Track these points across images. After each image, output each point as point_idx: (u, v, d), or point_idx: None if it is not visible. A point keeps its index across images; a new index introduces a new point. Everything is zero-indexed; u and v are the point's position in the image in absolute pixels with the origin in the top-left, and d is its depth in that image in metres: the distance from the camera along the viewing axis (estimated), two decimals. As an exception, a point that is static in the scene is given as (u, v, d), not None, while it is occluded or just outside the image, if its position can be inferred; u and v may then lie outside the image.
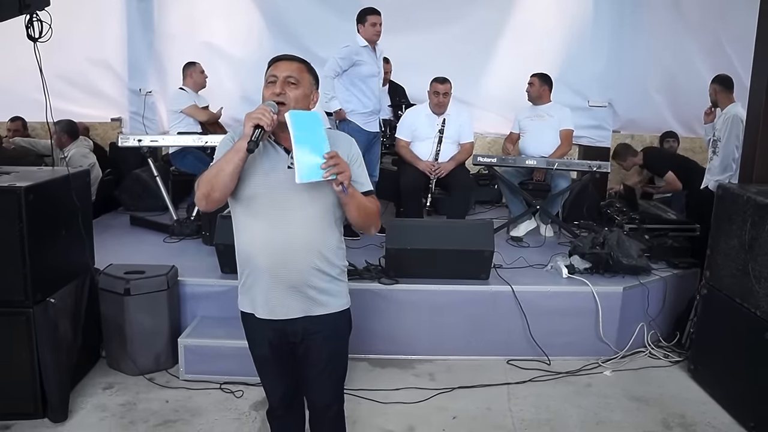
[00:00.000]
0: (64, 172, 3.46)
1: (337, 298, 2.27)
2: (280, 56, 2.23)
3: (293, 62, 2.20)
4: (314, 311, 2.23)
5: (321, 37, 6.56)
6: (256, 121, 2.02)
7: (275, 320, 2.23)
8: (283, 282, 2.17)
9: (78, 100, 6.62)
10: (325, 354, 2.30)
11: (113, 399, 3.48)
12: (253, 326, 2.30)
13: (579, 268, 4.28)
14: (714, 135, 4.89)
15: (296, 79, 2.15)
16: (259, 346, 2.33)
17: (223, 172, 2.07)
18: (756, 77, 3.95)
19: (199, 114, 5.87)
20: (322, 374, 2.33)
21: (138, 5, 6.59)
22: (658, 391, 3.74)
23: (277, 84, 2.14)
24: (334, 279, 2.26)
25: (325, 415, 2.41)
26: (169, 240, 5.03)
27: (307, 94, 2.19)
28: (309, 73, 2.22)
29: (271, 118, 2.05)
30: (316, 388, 2.37)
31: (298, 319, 2.23)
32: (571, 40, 6.59)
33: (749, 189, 3.56)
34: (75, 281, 3.56)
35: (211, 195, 2.11)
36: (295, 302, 2.21)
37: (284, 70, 2.16)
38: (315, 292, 2.22)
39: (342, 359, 2.40)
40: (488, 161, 5.28)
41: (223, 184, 2.08)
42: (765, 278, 3.29)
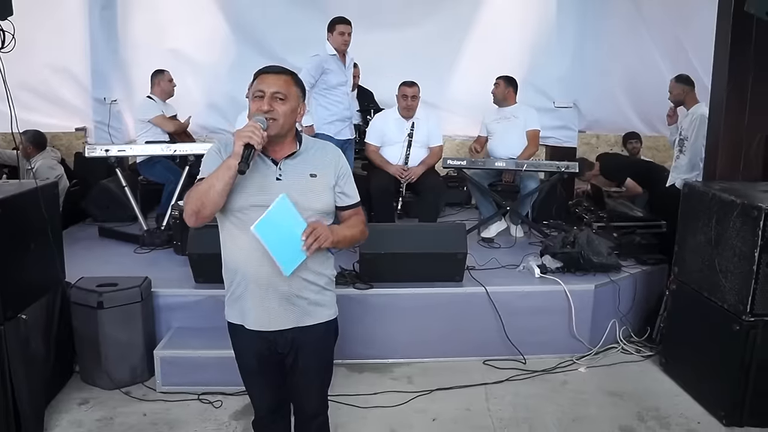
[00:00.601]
0: (33, 184, 3.40)
1: (325, 308, 2.30)
2: (266, 69, 2.22)
3: (280, 75, 2.19)
4: (305, 321, 2.25)
5: (287, 41, 6.53)
6: (246, 140, 2.03)
7: (265, 331, 2.23)
8: (275, 293, 2.19)
9: (40, 109, 6.47)
10: (314, 363, 2.32)
11: (89, 414, 3.43)
12: (241, 337, 2.30)
13: (551, 267, 4.35)
14: (680, 134, 4.97)
15: (284, 94, 2.15)
16: (247, 357, 2.33)
17: (213, 189, 2.06)
18: (717, 77, 4.05)
19: (167, 124, 5.83)
20: (311, 383, 2.35)
21: (101, 12, 6.47)
22: (632, 386, 3.82)
23: (264, 101, 2.14)
24: (323, 289, 2.28)
25: (311, 423, 2.43)
26: (140, 251, 4.97)
27: (294, 108, 2.18)
28: (296, 85, 2.21)
29: (261, 136, 2.05)
30: (304, 396, 2.39)
31: (288, 330, 2.24)
32: (536, 43, 6.67)
33: (713, 186, 3.67)
34: (46, 296, 3.50)
35: (201, 212, 2.10)
36: (287, 313, 2.22)
37: (271, 86, 2.15)
38: (305, 302, 2.24)
39: (329, 368, 2.43)
40: (458, 164, 5.33)
41: (213, 200, 2.08)
42: (731, 272, 3.39)
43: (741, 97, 3.91)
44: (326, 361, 2.39)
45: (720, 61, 4.01)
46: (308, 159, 2.23)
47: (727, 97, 3.94)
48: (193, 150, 5.29)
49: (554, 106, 6.62)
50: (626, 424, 3.41)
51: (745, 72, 3.87)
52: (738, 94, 3.91)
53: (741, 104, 3.92)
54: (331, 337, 2.37)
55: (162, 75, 5.92)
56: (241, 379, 3.39)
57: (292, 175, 2.17)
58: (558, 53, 6.58)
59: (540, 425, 3.40)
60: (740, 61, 3.86)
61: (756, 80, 3.87)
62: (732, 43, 3.86)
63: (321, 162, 2.23)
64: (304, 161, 2.22)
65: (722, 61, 3.97)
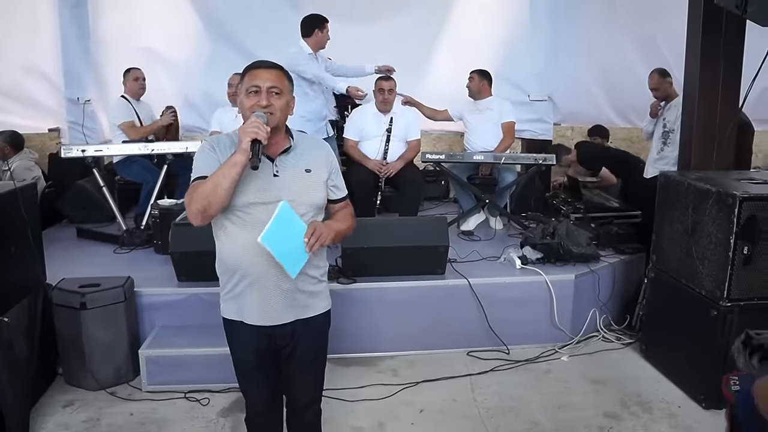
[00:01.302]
0: (11, 186, 3.35)
1: (321, 300, 2.35)
2: (257, 64, 2.23)
3: (273, 70, 2.20)
4: (305, 314, 2.29)
5: (260, 38, 6.50)
6: (253, 135, 2.04)
7: (266, 326, 2.25)
8: (277, 289, 2.21)
9: (12, 111, 6.35)
10: (311, 354, 2.36)
11: (75, 416, 3.40)
12: (239, 333, 2.30)
13: (531, 258, 4.40)
14: (665, 126, 4.97)
15: (279, 88, 2.17)
16: (245, 352, 2.33)
17: (220, 187, 2.06)
18: (689, 69, 4.14)
19: (131, 132, 5.70)
20: (307, 373, 2.38)
21: (72, 11, 6.37)
22: (614, 373, 3.89)
23: (262, 96, 2.15)
24: (319, 281, 2.33)
25: (305, 412, 2.45)
26: (120, 251, 4.92)
27: (287, 102, 2.21)
28: (287, 79, 2.23)
29: (266, 130, 2.07)
30: (300, 386, 2.41)
31: (288, 323, 2.27)
32: (510, 37, 6.72)
33: (689, 176, 3.75)
34: (27, 298, 3.46)
35: (207, 210, 2.09)
36: (288, 307, 2.25)
37: (266, 80, 2.16)
38: (304, 296, 2.27)
39: (324, 357, 2.47)
40: (436, 158, 5.37)
41: (220, 198, 2.08)
42: (708, 259, 3.47)
43: (713, 88, 4.00)
44: (322, 351, 2.43)
45: (692, 53, 4.09)
46: (302, 154, 2.25)
47: (700, 89, 4.03)
48: (171, 149, 5.25)
49: (529, 99, 6.68)
50: (610, 410, 3.48)
51: (716, 63, 3.95)
52: (710, 86, 4.00)
53: (713, 95, 4.01)
54: (326, 327, 2.41)
55: (128, 74, 5.85)
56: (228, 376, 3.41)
57: (289, 171, 2.19)
58: (532, 47, 6.64)
59: (526, 413, 3.45)
60: (711, 52, 3.94)
61: (726, 71, 3.96)
62: (703, 35, 3.94)
63: (314, 157, 2.26)
64: (299, 156, 2.24)
65: (694, 53, 4.05)
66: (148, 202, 5.19)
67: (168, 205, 4.81)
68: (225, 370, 3.46)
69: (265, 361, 2.33)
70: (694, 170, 3.99)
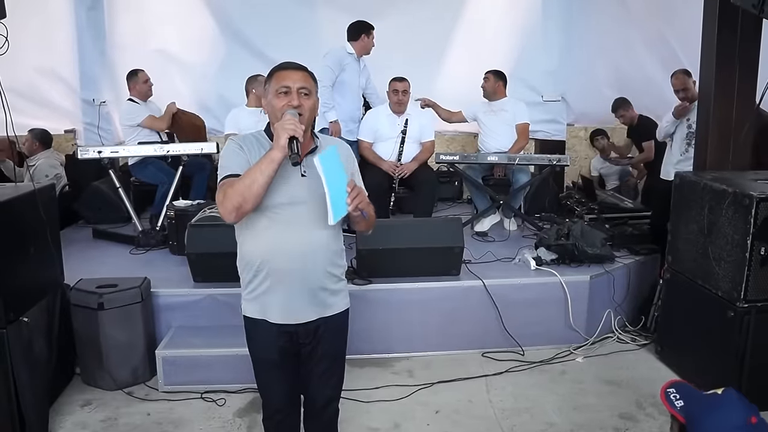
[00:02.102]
0: (30, 187, 3.39)
1: (342, 298, 2.38)
2: (285, 65, 2.26)
3: (301, 71, 2.24)
4: (326, 312, 2.32)
5: (275, 40, 6.53)
6: (291, 132, 2.07)
7: (289, 324, 2.27)
8: (303, 286, 2.24)
9: (29, 112, 6.39)
10: (331, 352, 2.38)
11: (93, 416, 3.43)
12: (262, 332, 2.31)
13: (546, 259, 4.40)
14: (690, 128, 4.78)
15: (308, 89, 2.21)
16: (267, 351, 2.34)
17: (256, 184, 2.09)
18: (704, 69, 4.11)
19: (158, 124, 5.79)
20: (327, 372, 2.40)
21: (87, 13, 6.42)
22: (629, 374, 3.88)
23: (293, 96, 2.18)
24: (340, 279, 2.36)
25: (324, 411, 2.47)
26: (135, 251, 4.96)
27: (315, 103, 2.26)
28: (313, 80, 2.27)
29: (302, 128, 2.11)
30: (319, 385, 2.42)
31: (311, 321, 2.29)
32: (524, 37, 6.71)
33: (704, 176, 3.73)
34: (46, 298, 3.49)
35: (243, 207, 2.11)
36: (312, 305, 2.28)
37: (296, 81, 2.20)
38: (327, 293, 2.30)
39: (344, 356, 2.49)
40: (450, 159, 5.38)
41: (256, 194, 2.10)
42: (724, 260, 3.45)
43: (729, 87, 3.97)
44: (342, 349, 2.46)
45: (707, 53, 4.07)
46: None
47: (715, 88, 4.00)
48: (186, 150, 5.28)
49: (542, 99, 6.66)
50: (626, 411, 3.47)
51: (732, 62, 3.93)
52: (726, 84, 3.97)
53: (729, 94, 3.98)
54: (346, 325, 2.44)
55: (136, 77, 5.84)
56: (244, 377, 3.50)
57: (315, 170, 2.17)
58: (545, 46, 6.63)
59: (541, 414, 3.45)
60: (727, 51, 3.92)
61: (743, 70, 3.93)
62: (719, 33, 3.92)
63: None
64: None
65: (710, 52, 4.03)
66: (163, 204, 5.22)
67: (183, 207, 4.84)
68: (241, 371, 3.52)
69: (286, 360, 2.35)
70: (709, 170, 3.97)
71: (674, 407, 1.68)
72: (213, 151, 5.27)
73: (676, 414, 1.67)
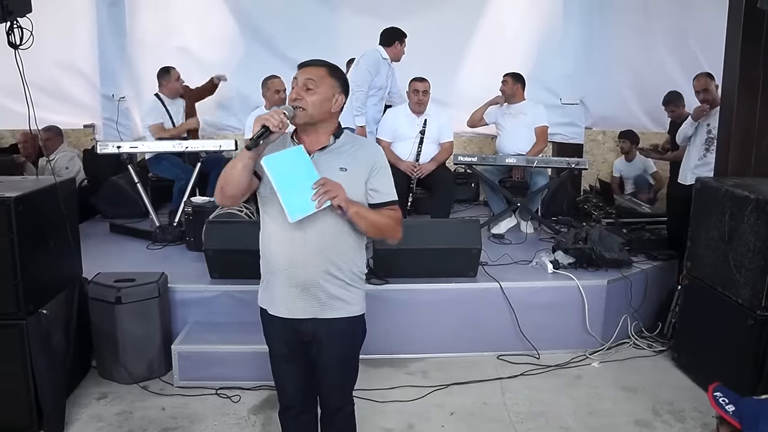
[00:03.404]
0: (51, 181, 3.41)
1: (347, 304, 2.30)
2: (306, 61, 2.27)
3: (316, 67, 2.23)
4: (323, 314, 2.27)
5: (295, 39, 6.56)
6: (263, 122, 2.08)
7: (288, 319, 2.28)
8: (296, 282, 2.23)
9: (48, 106, 6.43)
10: (333, 358, 2.34)
11: (108, 409, 3.46)
12: (268, 323, 2.36)
13: (563, 263, 4.37)
14: (710, 132, 4.71)
15: (315, 84, 2.18)
16: (274, 342, 2.38)
17: (235, 169, 2.14)
18: (727, 73, 4.07)
19: (163, 134, 5.72)
20: (332, 377, 2.37)
21: (108, 9, 6.48)
22: (646, 380, 3.85)
23: (295, 89, 2.19)
24: (346, 284, 2.29)
25: (335, 416, 2.45)
26: (153, 247, 4.98)
27: (326, 98, 2.20)
28: (333, 77, 2.24)
29: (280, 120, 2.09)
30: (325, 390, 2.42)
31: (308, 320, 2.27)
32: (543, 39, 6.69)
33: (726, 182, 3.69)
34: (65, 291, 3.52)
35: (224, 189, 2.18)
36: (305, 303, 2.25)
37: (305, 74, 2.20)
38: (325, 295, 2.26)
39: (350, 365, 2.43)
40: (468, 160, 5.36)
41: (232, 179, 2.15)
42: (745, 267, 3.41)
43: (752, 92, 3.92)
44: (346, 357, 2.39)
45: (731, 57, 4.02)
46: (343, 153, 2.24)
47: (738, 93, 3.96)
48: (204, 147, 5.31)
49: (561, 102, 6.63)
50: (642, 417, 3.44)
51: (756, 67, 3.88)
52: (749, 90, 3.92)
53: (752, 99, 3.94)
54: (354, 334, 2.36)
55: (169, 75, 5.87)
56: (259, 374, 3.52)
57: (323, 167, 2.18)
58: (564, 50, 6.60)
59: (556, 418, 3.43)
60: (751, 56, 3.87)
61: (767, 75, 3.89)
62: (743, 38, 3.87)
63: (353, 157, 2.24)
64: (337, 155, 2.23)
65: (733, 57, 3.98)
66: (181, 199, 5.24)
67: (201, 203, 4.86)
68: (256, 368, 3.54)
69: (295, 355, 2.35)
70: (731, 176, 3.92)
71: (726, 411, 1.66)
72: (231, 148, 5.28)
73: (729, 418, 1.65)
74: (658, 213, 5.37)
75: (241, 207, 4.58)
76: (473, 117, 5.95)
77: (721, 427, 1.71)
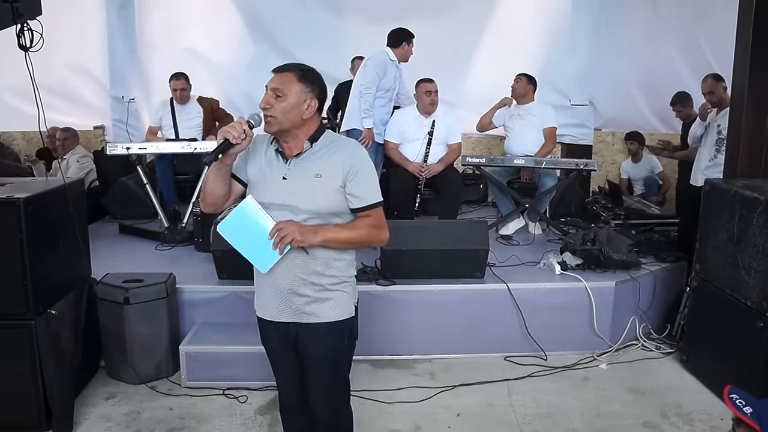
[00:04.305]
0: (60, 182, 3.43)
1: (329, 309, 2.27)
2: (277, 67, 2.24)
3: (284, 73, 2.19)
4: (302, 319, 2.27)
5: (303, 40, 6.59)
6: (224, 134, 2.10)
7: (274, 321, 2.32)
8: (275, 286, 2.26)
9: (58, 107, 6.49)
10: (314, 363, 2.32)
11: (117, 409, 3.47)
12: (260, 323, 2.41)
13: (571, 264, 4.36)
14: (720, 133, 4.64)
15: (282, 91, 2.14)
16: (266, 341, 2.43)
17: (208, 179, 2.23)
18: (737, 74, 4.04)
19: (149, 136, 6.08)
20: (314, 379, 2.36)
21: (118, 12, 6.54)
22: (654, 382, 3.83)
23: (264, 96, 2.18)
24: (326, 290, 2.26)
25: (318, 421, 2.41)
26: (161, 247, 5.01)
27: (295, 104, 2.16)
28: (301, 81, 2.18)
29: (241, 131, 2.09)
30: (309, 394, 2.39)
31: (290, 324, 2.29)
32: (552, 40, 6.68)
33: (735, 183, 3.67)
34: (74, 292, 3.54)
35: (205, 198, 2.30)
36: (284, 308, 2.28)
37: (273, 82, 2.18)
38: (303, 300, 2.25)
39: (332, 371, 2.36)
40: (477, 161, 5.35)
41: (209, 189, 2.25)
42: (755, 269, 3.39)
43: (762, 93, 3.90)
44: (328, 363, 2.34)
45: (741, 57, 4.00)
46: (318, 158, 2.21)
47: (748, 94, 3.93)
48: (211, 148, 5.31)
49: (570, 103, 6.63)
50: (649, 420, 3.42)
51: (766, 68, 3.85)
52: (759, 91, 3.90)
53: (762, 101, 3.91)
54: (336, 339, 2.31)
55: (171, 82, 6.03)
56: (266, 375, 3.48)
57: (298, 174, 2.18)
58: (574, 51, 6.60)
59: (563, 420, 3.42)
60: (761, 57, 3.85)
61: (776, 77, 3.88)
62: (753, 39, 3.85)
63: (328, 162, 2.20)
64: (312, 161, 2.20)
65: (743, 58, 3.96)
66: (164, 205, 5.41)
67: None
68: (263, 369, 3.50)
69: (285, 355, 2.38)
70: (740, 178, 3.90)
71: (744, 413, 1.64)
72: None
73: (748, 420, 1.63)
74: (667, 214, 5.35)
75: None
76: (482, 121, 5.92)
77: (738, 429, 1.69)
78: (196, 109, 6.10)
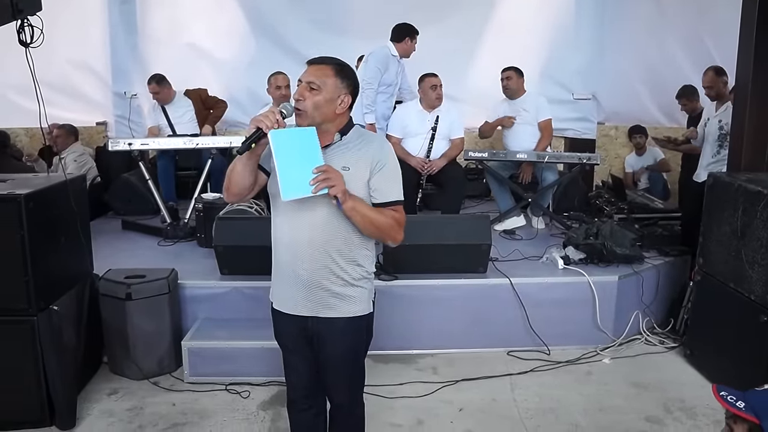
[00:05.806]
0: (61, 178, 3.43)
1: (349, 304, 2.25)
2: (314, 58, 2.23)
3: (320, 66, 2.18)
4: (322, 313, 2.25)
5: (305, 36, 6.56)
6: (257, 123, 2.07)
7: (288, 314, 2.30)
8: (297, 279, 2.23)
9: (61, 104, 6.48)
10: (333, 358, 2.32)
11: (119, 404, 3.48)
12: (276, 316, 2.38)
13: (574, 258, 4.35)
14: (722, 129, 4.64)
15: (317, 84, 2.13)
16: (281, 335, 2.40)
17: (235, 169, 2.18)
18: (741, 67, 4.02)
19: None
20: (333, 375, 2.36)
21: (120, 7, 6.52)
22: (657, 377, 3.82)
23: (298, 87, 2.17)
24: (348, 284, 2.24)
25: (341, 414, 2.45)
26: (164, 243, 5.01)
27: (330, 99, 2.15)
28: (337, 76, 2.17)
29: (274, 121, 2.07)
30: (329, 388, 2.41)
31: (309, 318, 2.27)
32: (555, 34, 6.64)
33: (739, 177, 3.66)
34: (76, 287, 3.55)
35: (229, 188, 2.23)
36: (306, 300, 2.25)
37: (308, 75, 2.16)
38: (326, 294, 2.23)
39: (352, 365, 2.37)
40: (479, 156, 5.34)
41: (234, 179, 2.20)
42: (758, 263, 3.37)
43: (765, 87, 3.89)
44: (348, 358, 2.34)
45: (744, 52, 3.98)
46: (346, 151, 2.19)
47: (752, 88, 3.92)
48: (215, 143, 5.31)
49: (573, 97, 6.60)
50: (652, 414, 3.42)
51: (769, 63, 3.85)
52: (763, 85, 3.89)
53: (765, 94, 3.90)
54: (355, 334, 2.31)
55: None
56: (269, 370, 3.56)
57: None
58: (576, 45, 6.57)
59: (566, 415, 3.41)
60: (764, 51, 3.83)
61: (781, 70, 3.85)
62: (757, 33, 3.83)
63: (357, 155, 2.19)
64: (342, 153, 2.19)
65: (747, 52, 3.94)
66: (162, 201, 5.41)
67: (211, 199, 4.88)
68: (266, 364, 3.56)
69: (300, 349, 2.35)
70: (744, 171, 3.88)
71: (738, 408, 1.63)
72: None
73: (744, 415, 1.62)
74: (671, 209, 5.32)
75: (251, 203, 4.59)
76: (482, 129, 5.88)
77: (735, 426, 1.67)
78: (185, 104, 6.09)
